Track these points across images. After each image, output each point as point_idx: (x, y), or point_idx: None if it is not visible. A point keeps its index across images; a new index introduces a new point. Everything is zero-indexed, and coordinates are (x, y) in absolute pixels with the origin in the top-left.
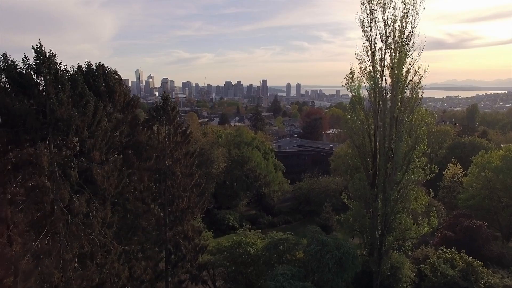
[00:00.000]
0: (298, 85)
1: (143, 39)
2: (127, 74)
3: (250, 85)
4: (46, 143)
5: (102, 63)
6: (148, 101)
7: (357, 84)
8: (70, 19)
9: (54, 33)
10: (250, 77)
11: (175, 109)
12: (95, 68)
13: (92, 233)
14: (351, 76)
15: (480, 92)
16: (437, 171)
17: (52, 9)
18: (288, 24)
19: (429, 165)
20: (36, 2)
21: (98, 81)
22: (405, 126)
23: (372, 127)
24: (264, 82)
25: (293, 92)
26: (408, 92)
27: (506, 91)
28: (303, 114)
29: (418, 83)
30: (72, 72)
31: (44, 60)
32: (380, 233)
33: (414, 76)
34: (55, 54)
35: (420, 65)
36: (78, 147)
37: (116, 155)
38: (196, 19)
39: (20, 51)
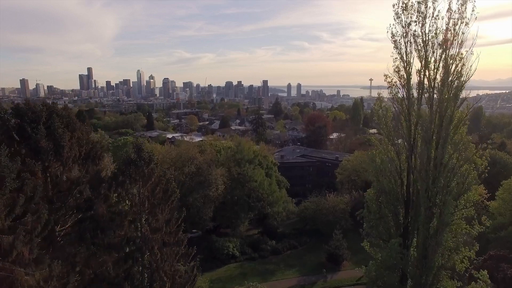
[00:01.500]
0: (299, 85)
1: (144, 39)
2: (128, 74)
3: (251, 86)
4: None
5: (48, 102)
6: (149, 103)
7: (386, 114)
8: (72, 19)
9: (56, 33)
10: (251, 77)
11: (151, 163)
12: (38, 109)
13: None
14: (379, 103)
15: (481, 92)
16: (488, 224)
17: (54, 9)
18: (289, 24)
19: (475, 214)
20: (37, 1)
21: (37, 131)
22: (455, 176)
23: (405, 166)
24: (265, 82)
25: (293, 92)
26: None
27: (507, 91)
28: (306, 119)
29: (466, 116)
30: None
31: None
32: None
33: (460, 104)
34: None
35: (469, 93)
36: None
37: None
38: (197, 19)
39: (21, 51)
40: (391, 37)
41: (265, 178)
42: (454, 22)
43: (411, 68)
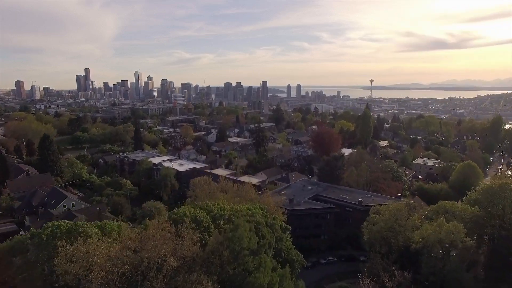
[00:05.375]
0: (299, 86)
1: (144, 39)
2: (128, 74)
3: (250, 87)
4: None
5: None
6: (144, 107)
7: None
8: (72, 19)
9: (55, 33)
10: (250, 77)
11: None
12: None
13: None
14: None
15: (480, 92)
16: None
17: (54, 9)
18: (289, 25)
19: None
20: (37, 1)
21: None
22: None
23: None
24: (265, 83)
25: (293, 93)
26: None
27: (509, 92)
28: (312, 137)
29: None
30: None
31: None
32: None
33: None
34: None
35: None
36: None
37: None
38: (197, 20)
39: (20, 51)
40: None
41: (276, 280)
42: None
43: None
